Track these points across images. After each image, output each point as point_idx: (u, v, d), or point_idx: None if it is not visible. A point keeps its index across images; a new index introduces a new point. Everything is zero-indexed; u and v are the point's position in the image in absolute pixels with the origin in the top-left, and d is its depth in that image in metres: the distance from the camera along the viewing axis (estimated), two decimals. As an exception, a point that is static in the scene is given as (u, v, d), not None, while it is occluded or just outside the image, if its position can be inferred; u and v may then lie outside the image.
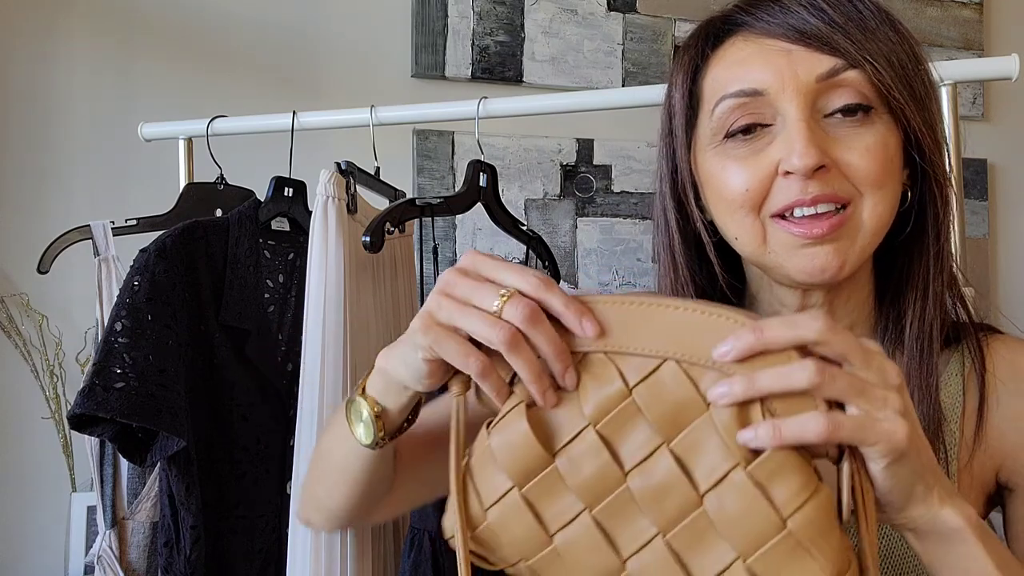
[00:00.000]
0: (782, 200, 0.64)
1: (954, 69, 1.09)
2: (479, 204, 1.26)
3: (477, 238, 1.84)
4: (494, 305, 0.52)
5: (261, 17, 1.77)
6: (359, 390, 0.62)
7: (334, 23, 1.81)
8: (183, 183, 1.46)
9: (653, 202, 0.77)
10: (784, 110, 0.64)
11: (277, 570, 1.17)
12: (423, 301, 0.73)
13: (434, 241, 1.23)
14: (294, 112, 1.32)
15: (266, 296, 1.23)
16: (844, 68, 0.64)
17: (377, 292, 1.19)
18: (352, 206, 1.13)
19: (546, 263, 1.34)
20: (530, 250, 1.33)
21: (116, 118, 1.66)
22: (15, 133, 1.63)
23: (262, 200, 1.25)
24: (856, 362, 0.49)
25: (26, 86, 1.63)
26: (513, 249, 1.66)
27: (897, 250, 0.71)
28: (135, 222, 1.39)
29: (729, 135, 0.67)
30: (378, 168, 1.30)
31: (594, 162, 1.94)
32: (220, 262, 1.18)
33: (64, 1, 1.66)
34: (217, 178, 1.40)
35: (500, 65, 1.89)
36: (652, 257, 0.77)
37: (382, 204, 1.29)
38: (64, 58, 1.65)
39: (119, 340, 1.05)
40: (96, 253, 1.36)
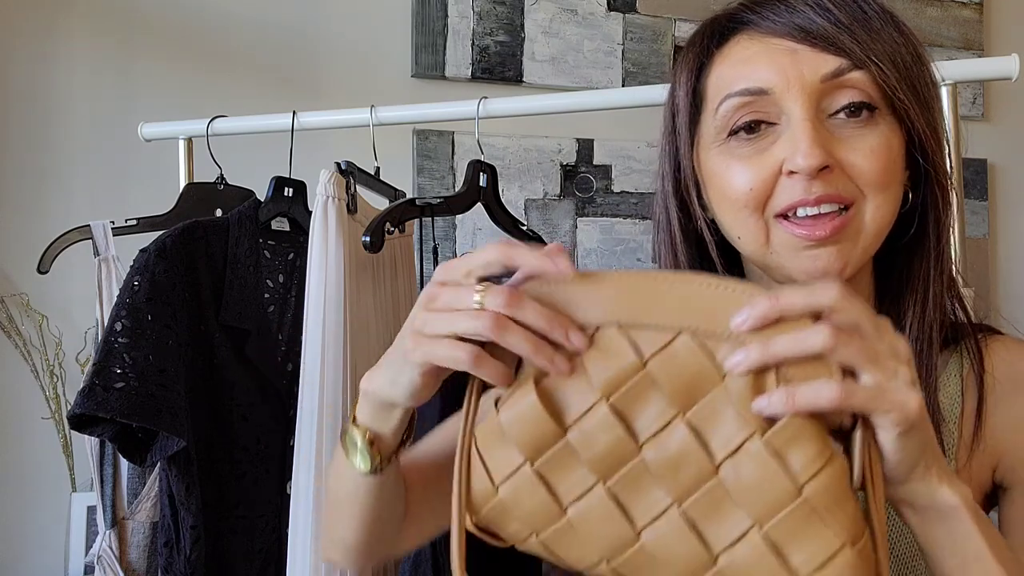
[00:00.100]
0: (786, 200, 0.64)
1: (954, 69, 1.09)
2: (479, 204, 1.26)
3: (477, 238, 1.84)
4: (474, 301, 0.52)
5: (261, 17, 1.77)
6: (351, 419, 0.62)
7: (334, 23, 1.81)
8: (183, 183, 1.46)
9: (654, 201, 0.77)
10: (789, 109, 0.64)
11: (277, 570, 1.17)
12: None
13: (434, 241, 1.23)
14: (294, 112, 1.32)
15: (266, 296, 1.23)
16: (849, 68, 0.64)
17: (377, 292, 1.19)
18: (352, 206, 1.13)
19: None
20: (530, 250, 1.33)
21: (116, 118, 1.66)
22: (15, 133, 1.63)
23: (262, 200, 1.25)
24: (869, 331, 0.49)
25: (26, 86, 1.63)
26: (513, 249, 1.66)
27: (897, 251, 0.70)
28: (135, 222, 1.39)
29: (733, 132, 0.67)
30: (378, 168, 1.30)
31: (594, 162, 1.94)
32: (220, 262, 1.18)
33: (64, 1, 1.66)
34: (217, 178, 1.40)
35: (500, 65, 1.89)
36: (652, 257, 0.77)
37: (382, 204, 1.29)
38: (64, 58, 1.65)
39: (119, 340, 1.05)
40: (96, 253, 1.36)
